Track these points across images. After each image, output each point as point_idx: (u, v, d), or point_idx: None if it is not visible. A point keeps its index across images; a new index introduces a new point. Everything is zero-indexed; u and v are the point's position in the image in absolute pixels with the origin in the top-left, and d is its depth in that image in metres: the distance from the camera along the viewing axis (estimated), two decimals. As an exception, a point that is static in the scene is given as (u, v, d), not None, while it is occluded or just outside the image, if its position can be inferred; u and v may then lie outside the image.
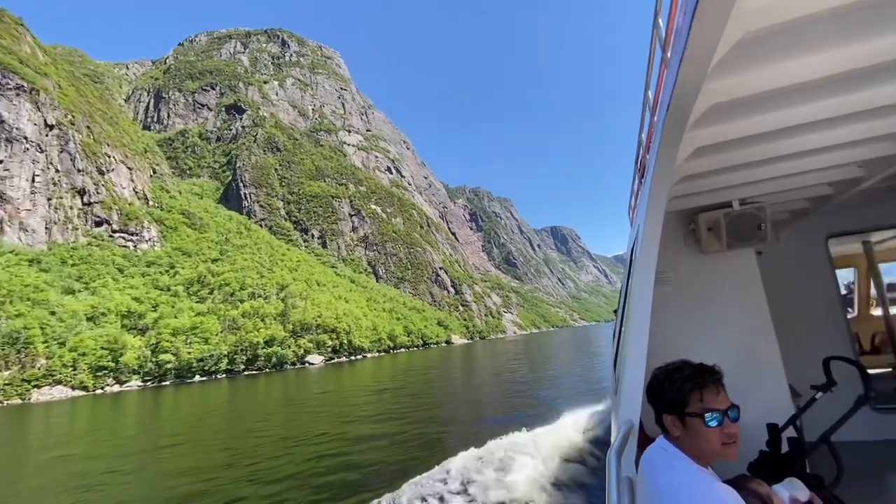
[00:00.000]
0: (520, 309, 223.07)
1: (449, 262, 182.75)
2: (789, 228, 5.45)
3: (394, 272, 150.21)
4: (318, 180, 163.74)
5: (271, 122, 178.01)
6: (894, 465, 4.16)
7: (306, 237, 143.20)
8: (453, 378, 31.34)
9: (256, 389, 36.31)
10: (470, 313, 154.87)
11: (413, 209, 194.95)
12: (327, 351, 73.89)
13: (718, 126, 2.50)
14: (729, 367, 3.76)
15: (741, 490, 1.32)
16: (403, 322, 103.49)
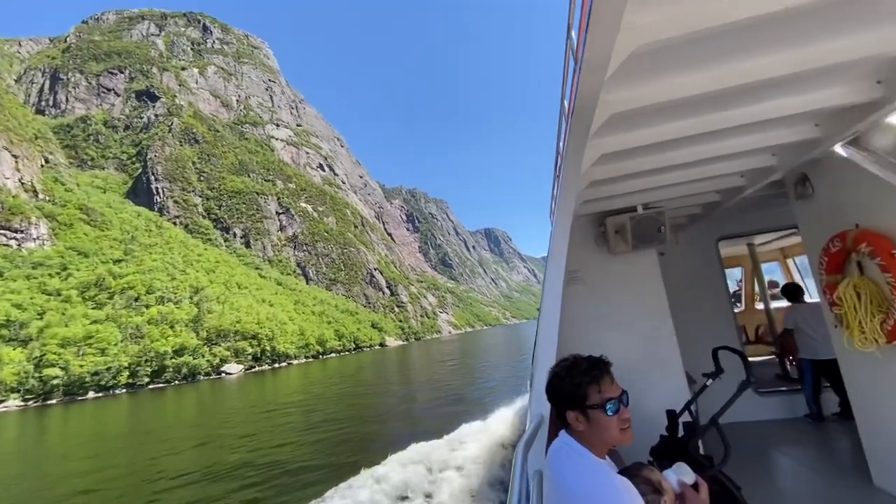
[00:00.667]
0: (455, 309, 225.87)
1: (384, 263, 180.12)
2: (685, 231, 5.90)
3: (326, 273, 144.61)
4: (241, 175, 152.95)
5: (189, 111, 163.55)
6: (774, 442, 4.64)
7: (227, 236, 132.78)
8: (383, 383, 30.60)
9: (160, 405, 32.93)
10: (405, 314, 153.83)
11: (347, 208, 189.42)
12: (247, 359, 68.92)
13: (619, 135, 2.68)
14: (634, 359, 4.14)
15: (634, 478, 1.39)
16: (334, 325, 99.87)
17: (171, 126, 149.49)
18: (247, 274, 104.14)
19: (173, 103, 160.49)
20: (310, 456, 11.65)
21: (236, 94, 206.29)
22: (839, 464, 4.00)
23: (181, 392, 43.67)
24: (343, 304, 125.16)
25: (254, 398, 30.56)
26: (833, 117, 2.86)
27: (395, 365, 45.71)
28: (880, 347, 3.00)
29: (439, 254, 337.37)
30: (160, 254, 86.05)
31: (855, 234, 3.07)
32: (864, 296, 3.05)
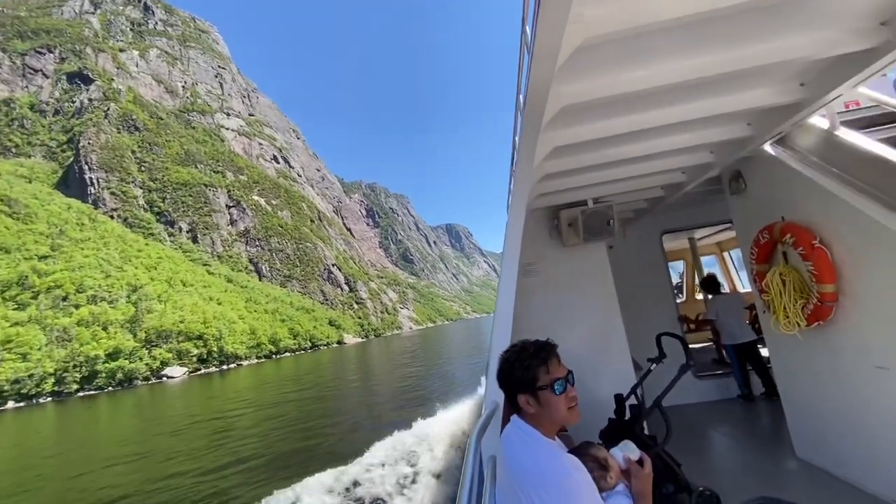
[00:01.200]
0: (416, 304, 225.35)
1: (343, 259, 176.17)
2: (632, 225, 6.19)
3: (280, 270, 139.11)
4: (188, 166, 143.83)
5: (129, 96, 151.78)
6: (710, 422, 5.04)
7: (172, 231, 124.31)
8: (339, 382, 29.75)
9: (90, 415, 30.22)
10: (365, 311, 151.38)
11: (303, 202, 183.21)
12: (192, 361, 64.53)
13: (570, 128, 2.79)
14: (585, 347, 4.36)
15: (582, 456, 1.47)
16: (289, 324, 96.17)
17: (107, 111, 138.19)
18: (193, 271, 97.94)
19: (110, 87, 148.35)
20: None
21: (182, 80, 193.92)
22: (767, 439, 4.34)
23: (116, 399, 40.48)
24: (299, 302, 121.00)
25: (226, 395, 28.83)
26: (762, 117, 3.05)
27: (353, 364, 44.67)
28: (801, 330, 3.21)
29: (400, 249, 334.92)
30: (93, 249, 79.05)
31: (781, 227, 3.26)
32: (788, 283, 3.25)
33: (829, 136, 3.00)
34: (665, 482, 2.86)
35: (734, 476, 3.66)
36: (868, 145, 2.74)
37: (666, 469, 2.90)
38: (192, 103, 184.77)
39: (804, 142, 3.19)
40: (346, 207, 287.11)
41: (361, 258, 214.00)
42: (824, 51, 2.24)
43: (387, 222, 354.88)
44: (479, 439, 1.63)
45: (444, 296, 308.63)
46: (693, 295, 9.81)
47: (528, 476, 1.31)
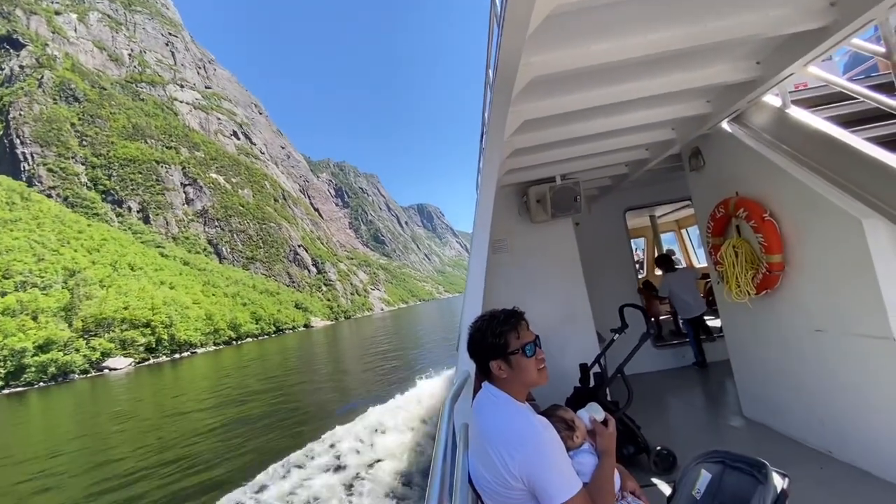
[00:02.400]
0: (388, 285, 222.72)
1: (310, 240, 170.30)
2: (597, 203, 6.39)
3: (242, 251, 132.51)
4: (136, 141, 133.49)
5: (66, 63, 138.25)
6: (668, 388, 5.40)
7: (121, 210, 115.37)
8: (305, 366, 28.37)
9: (13, 417, 27.00)
10: (334, 293, 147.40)
11: (265, 180, 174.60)
12: (139, 351, 59.27)
13: (539, 101, 2.85)
14: (552, 320, 4.67)
15: (550, 417, 1.57)
16: (251, 308, 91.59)
17: (41, 80, 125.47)
18: (143, 253, 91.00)
19: (43, 53, 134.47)
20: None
21: (128, 47, 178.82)
22: (718, 401, 4.69)
23: (48, 395, 36.91)
24: (262, 285, 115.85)
25: (179, 388, 26.08)
26: (721, 94, 3.21)
27: (317, 347, 42.98)
28: (751, 298, 3.37)
29: (371, 230, 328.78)
30: (25, 231, 71.70)
31: (735, 201, 3.39)
32: (740, 254, 3.39)
33: (780, 114, 3.12)
34: (626, 444, 3.19)
35: (688, 435, 3.95)
36: (815, 123, 2.86)
37: (627, 432, 3.23)
38: (140, 73, 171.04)
39: (758, 120, 3.33)
40: (314, 187, 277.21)
41: (330, 239, 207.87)
42: (779, 28, 2.35)
43: (357, 202, 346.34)
44: (452, 407, 1.68)
45: (416, 276, 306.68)
46: (653, 270, 10.12)
47: (500, 436, 1.38)
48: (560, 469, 1.33)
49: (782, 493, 1.67)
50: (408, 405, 10.39)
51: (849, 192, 2.65)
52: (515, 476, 1.32)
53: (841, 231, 2.65)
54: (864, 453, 2.73)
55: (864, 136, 2.69)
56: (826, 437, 3.02)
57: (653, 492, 2.82)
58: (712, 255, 3.82)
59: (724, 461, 1.90)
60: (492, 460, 1.37)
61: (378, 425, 9.22)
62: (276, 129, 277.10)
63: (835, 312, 2.82)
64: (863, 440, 2.73)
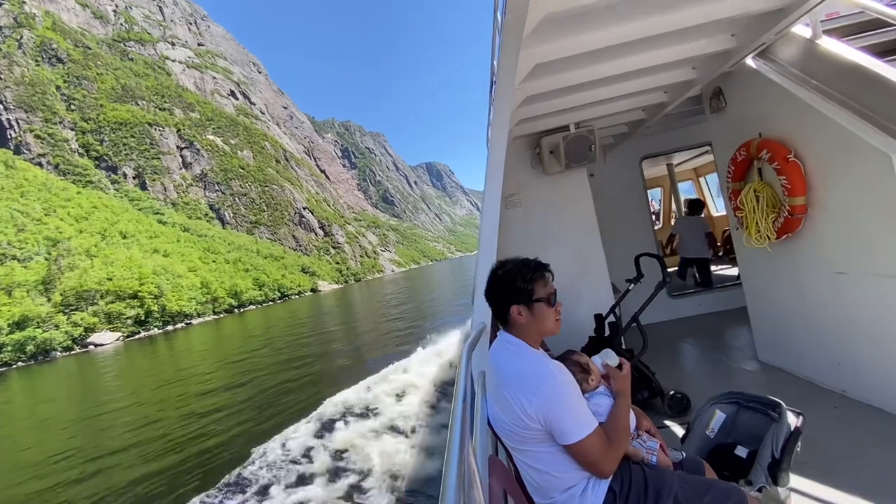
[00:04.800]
0: (399, 247, 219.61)
1: (315, 202, 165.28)
2: (612, 151, 6.20)
3: (245, 216, 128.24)
4: (127, 103, 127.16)
5: (46, 22, 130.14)
6: (683, 336, 5.41)
7: (116, 177, 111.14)
8: (315, 333, 26.21)
9: None
10: (343, 256, 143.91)
11: (266, 141, 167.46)
12: (126, 324, 54.87)
13: (553, 42, 2.69)
14: (567, 272, 4.58)
15: (565, 362, 1.64)
16: (254, 274, 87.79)
17: (20, 40, 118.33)
18: (138, 220, 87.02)
19: (21, 11, 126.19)
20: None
21: (112, 3, 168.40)
22: (733, 347, 4.68)
23: (29, 375, 34.16)
24: (267, 249, 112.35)
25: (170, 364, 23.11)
26: (747, 26, 2.97)
27: (326, 312, 40.60)
28: (771, 243, 3.33)
29: (380, 191, 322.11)
30: (7, 201, 67.64)
31: (758, 143, 3.26)
32: (762, 198, 3.28)
33: (810, 45, 2.94)
34: (641, 389, 3.30)
35: (702, 380, 4.00)
36: (847, 54, 2.71)
37: (641, 378, 3.33)
38: (127, 31, 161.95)
39: (786, 53, 3.14)
40: (319, 148, 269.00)
41: (337, 201, 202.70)
42: None
43: (364, 163, 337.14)
44: (470, 354, 1.73)
45: (427, 237, 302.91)
46: (669, 221, 10.17)
47: (516, 379, 1.42)
48: (576, 409, 1.37)
49: (796, 430, 1.78)
50: (428, 359, 11.15)
51: (879, 127, 2.50)
52: (533, 417, 1.35)
53: (869, 168, 2.54)
54: (877, 391, 2.78)
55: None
56: (841, 377, 3.08)
57: (667, 433, 2.91)
58: (732, 200, 3.71)
59: (739, 401, 2.02)
60: (509, 403, 1.40)
61: (402, 380, 9.85)
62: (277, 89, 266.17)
63: (857, 254, 2.78)
64: (877, 379, 2.78)
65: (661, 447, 1.64)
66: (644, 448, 1.59)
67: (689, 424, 2.21)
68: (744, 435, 1.95)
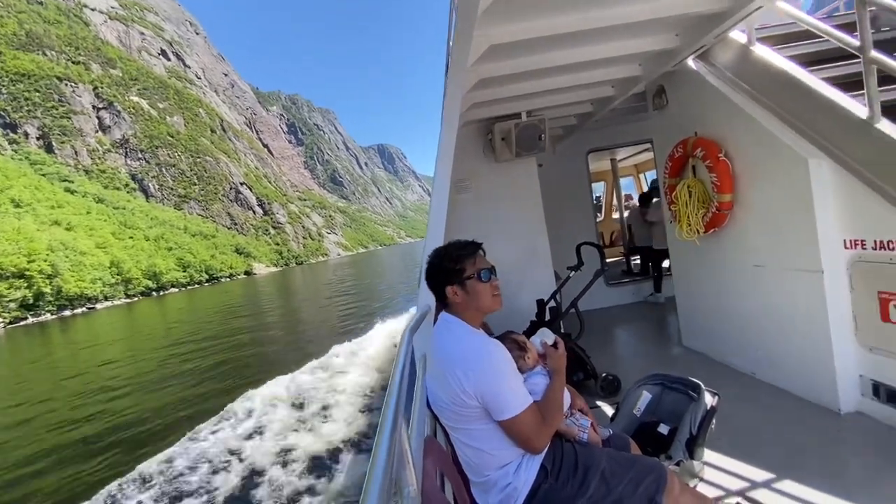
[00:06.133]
0: (346, 229, 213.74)
1: (255, 177, 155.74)
2: (561, 143, 6.32)
3: (173, 188, 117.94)
4: (31, 52, 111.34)
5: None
6: (618, 322, 5.74)
7: (15, 136, 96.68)
8: (247, 316, 25.09)
9: None
10: (284, 236, 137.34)
11: (200, 107, 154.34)
12: (9, 308, 45.63)
13: (507, 24, 2.70)
14: (513, 259, 4.86)
15: (503, 340, 1.67)
16: (178, 253, 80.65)
17: None
18: (38, 187, 76.21)
19: None
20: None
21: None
22: (661, 333, 5.00)
23: None
24: (197, 226, 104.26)
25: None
26: (691, 26, 3.13)
27: (257, 297, 37.94)
28: (699, 237, 3.53)
29: (328, 170, 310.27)
30: None
31: (694, 141, 3.44)
32: (693, 194, 3.48)
33: (745, 51, 3.13)
34: (576, 371, 3.52)
35: (633, 363, 4.33)
36: (777, 62, 2.90)
37: (577, 360, 3.53)
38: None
39: (723, 57, 3.33)
40: (262, 120, 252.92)
41: (279, 178, 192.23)
42: None
43: (312, 140, 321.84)
44: (411, 335, 1.77)
45: (376, 220, 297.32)
46: (610, 214, 10.73)
47: (454, 357, 1.46)
48: (511, 386, 1.40)
49: (712, 408, 1.98)
50: (370, 343, 11.37)
51: (799, 132, 2.72)
52: (469, 394, 1.38)
53: (788, 170, 2.74)
54: (782, 375, 3.08)
55: (822, 76, 2.72)
56: (753, 362, 3.37)
57: (599, 413, 3.10)
58: (668, 194, 3.88)
59: (664, 383, 2.22)
60: (447, 381, 1.42)
61: (339, 365, 9.94)
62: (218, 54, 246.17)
63: (773, 249, 3.00)
64: (782, 363, 3.06)
65: (592, 425, 1.70)
66: (577, 426, 1.65)
67: (618, 404, 2.36)
68: (667, 413, 2.09)
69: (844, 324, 2.60)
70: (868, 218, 2.41)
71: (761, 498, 2.02)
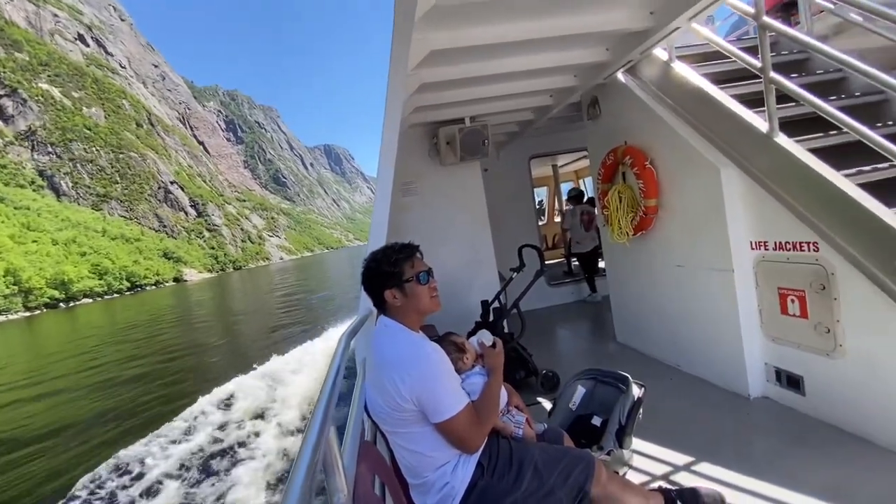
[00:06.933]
0: (290, 232, 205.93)
1: (187, 176, 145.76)
2: (505, 149, 6.54)
3: (91, 187, 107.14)
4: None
5: None
6: (558, 321, 5.96)
7: None
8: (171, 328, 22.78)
9: None
10: (220, 240, 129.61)
11: (124, 98, 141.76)
12: None
13: (447, 31, 2.79)
14: (459, 261, 5.06)
15: (443, 343, 1.70)
16: (93, 258, 72.97)
17: None
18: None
19: None
20: None
21: None
22: (598, 330, 5.23)
23: None
24: (118, 229, 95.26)
25: None
26: (619, 43, 3.35)
27: (185, 309, 34.07)
28: (629, 239, 3.72)
29: (270, 170, 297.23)
30: None
31: (623, 149, 3.66)
32: (623, 199, 3.69)
33: (666, 68, 3.37)
34: (518, 369, 3.61)
35: (571, 359, 4.55)
36: (693, 79, 3.15)
37: (519, 359, 3.64)
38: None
39: (648, 72, 3.57)
40: (198, 116, 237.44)
41: (215, 177, 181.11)
42: None
43: (253, 138, 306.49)
44: (349, 340, 1.73)
45: (323, 223, 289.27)
46: (552, 218, 11.23)
47: (391, 361, 1.45)
48: (448, 388, 1.42)
49: (639, 399, 2.13)
50: (313, 352, 11.14)
51: (713, 144, 2.96)
52: (406, 398, 1.38)
53: (703, 178, 2.96)
54: (703, 366, 3.33)
55: (731, 93, 2.96)
56: (677, 354, 3.61)
57: (538, 409, 3.22)
58: (601, 199, 4.10)
59: (596, 377, 2.33)
60: (385, 386, 1.42)
61: (279, 374, 9.65)
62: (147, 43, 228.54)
63: (692, 250, 3.23)
64: (703, 355, 3.30)
65: (528, 421, 1.74)
66: (512, 422, 1.69)
67: (555, 399, 2.47)
68: (599, 406, 2.21)
69: (752, 317, 2.85)
70: (769, 221, 2.67)
71: (682, 481, 2.14)
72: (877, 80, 2.11)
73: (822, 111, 2.29)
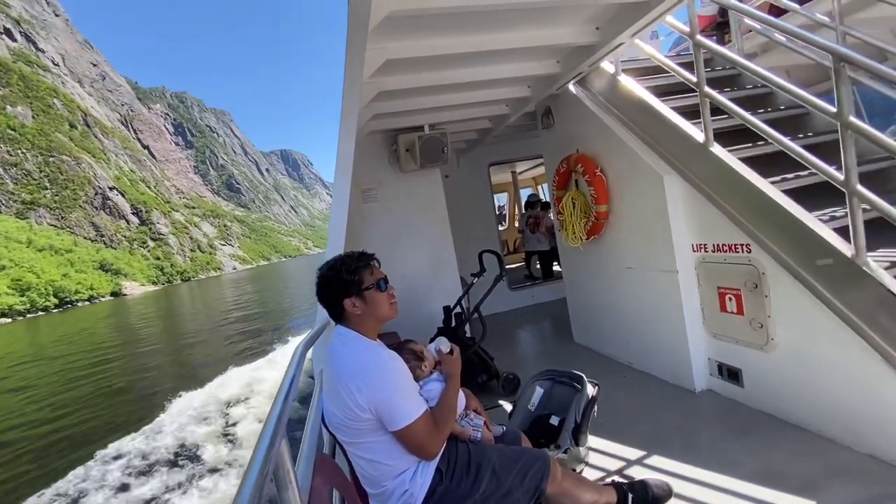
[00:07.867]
0: (244, 240, 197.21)
1: (129, 182, 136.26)
2: (465, 156, 6.71)
3: (15, 193, 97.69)
4: None
5: None
6: (519, 324, 6.02)
7: None
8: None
9: None
10: (166, 249, 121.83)
11: (55, 97, 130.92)
12: None
13: (402, 41, 2.82)
14: (420, 267, 5.17)
15: (401, 351, 1.69)
16: (13, 272, 66.19)
17: None
18: None
19: None
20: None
21: None
22: (556, 332, 5.30)
23: None
24: (46, 239, 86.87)
25: None
26: (568, 56, 3.50)
27: (117, 327, 31.40)
28: (583, 244, 3.87)
29: (223, 176, 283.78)
30: None
31: (575, 157, 3.79)
32: (577, 205, 3.84)
33: (613, 80, 3.54)
34: (480, 373, 3.66)
35: (531, 361, 4.66)
36: (638, 91, 3.32)
37: (481, 362, 3.69)
38: None
39: (597, 84, 3.73)
40: (142, 119, 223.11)
41: (161, 182, 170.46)
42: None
43: (203, 143, 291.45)
44: (304, 351, 1.74)
45: (281, 230, 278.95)
46: (513, 223, 11.76)
47: (347, 370, 1.45)
48: (405, 395, 1.43)
49: (593, 398, 2.20)
50: (271, 365, 10.87)
51: (657, 152, 3.11)
52: (363, 407, 1.38)
53: (649, 185, 3.11)
54: (651, 362, 3.49)
55: (671, 105, 3.13)
56: (629, 353, 3.76)
57: (499, 411, 3.29)
58: (555, 205, 4.23)
59: (553, 378, 2.41)
60: (342, 396, 1.41)
61: (236, 390, 9.38)
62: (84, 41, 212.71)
63: (641, 252, 3.37)
64: (652, 353, 3.44)
65: (486, 424, 1.76)
66: (471, 426, 1.71)
67: (515, 401, 2.55)
68: (557, 406, 2.27)
69: (695, 315, 3.02)
70: (708, 225, 2.86)
71: (634, 474, 2.21)
72: (794, 96, 2.20)
73: (751, 124, 2.44)
